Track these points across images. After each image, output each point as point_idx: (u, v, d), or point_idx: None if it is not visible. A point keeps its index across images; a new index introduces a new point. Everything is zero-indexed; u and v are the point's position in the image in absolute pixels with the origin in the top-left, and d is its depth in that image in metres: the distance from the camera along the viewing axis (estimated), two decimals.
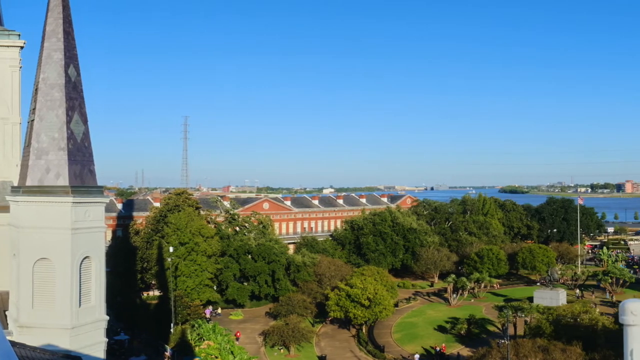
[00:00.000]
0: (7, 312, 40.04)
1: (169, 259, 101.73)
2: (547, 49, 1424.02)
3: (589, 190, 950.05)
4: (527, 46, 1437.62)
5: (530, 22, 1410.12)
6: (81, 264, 37.14)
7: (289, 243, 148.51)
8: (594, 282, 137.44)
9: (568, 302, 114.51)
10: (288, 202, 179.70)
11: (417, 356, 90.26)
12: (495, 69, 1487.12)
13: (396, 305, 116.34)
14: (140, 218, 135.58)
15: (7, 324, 38.96)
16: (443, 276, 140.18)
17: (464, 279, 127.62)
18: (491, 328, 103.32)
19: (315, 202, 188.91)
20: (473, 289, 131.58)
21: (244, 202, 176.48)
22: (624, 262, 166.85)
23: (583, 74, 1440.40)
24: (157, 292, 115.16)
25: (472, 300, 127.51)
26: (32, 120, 38.28)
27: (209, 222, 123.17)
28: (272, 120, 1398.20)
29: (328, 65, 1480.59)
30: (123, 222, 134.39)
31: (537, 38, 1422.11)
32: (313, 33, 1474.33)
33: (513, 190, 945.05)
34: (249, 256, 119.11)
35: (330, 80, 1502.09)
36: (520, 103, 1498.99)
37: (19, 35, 48.86)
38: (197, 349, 77.76)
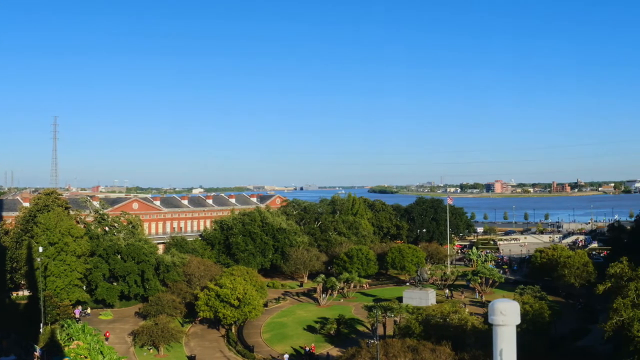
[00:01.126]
0: None
1: (39, 259, 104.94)
2: (410, 47, 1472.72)
3: (459, 190, 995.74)
4: (392, 44, 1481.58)
5: (391, 22, 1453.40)
6: None
7: (159, 243, 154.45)
8: (464, 282, 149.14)
9: (437, 302, 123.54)
10: (157, 202, 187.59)
11: (286, 356, 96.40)
12: (360, 68, 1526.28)
13: (265, 305, 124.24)
14: (10, 218, 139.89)
15: None
16: (312, 276, 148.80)
17: (333, 279, 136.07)
18: (361, 328, 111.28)
19: (185, 202, 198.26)
20: (342, 289, 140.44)
21: (113, 202, 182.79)
22: (493, 262, 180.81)
23: (445, 73, 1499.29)
24: (26, 292, 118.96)
25: (342, 300, 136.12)
26: None
27: (78, 222, 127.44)
28: (141, 120, 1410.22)
29: (195, 65, 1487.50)
30: None
31: (400, 37, 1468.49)
32: (174, 32, 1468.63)
33: (382, 191, 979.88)
34: (119, 256, 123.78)
35: (197, 79, 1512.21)
36: (388, 103, 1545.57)
37: None
38: (66, 349, 79.76)
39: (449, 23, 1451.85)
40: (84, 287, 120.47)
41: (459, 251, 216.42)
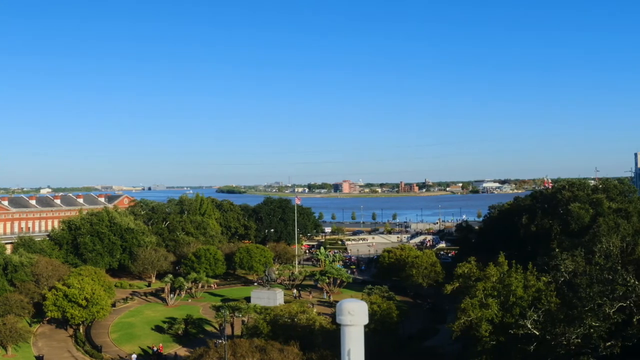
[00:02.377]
0: None
1: None
2: (256, 48, 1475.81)
3: (307, 190, 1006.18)
4: (241, 45, 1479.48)
5: (237, 22, 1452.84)
6: None
7: (7, 243, 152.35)
8: (312, 282, 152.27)
9: (285, 302, 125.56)
10: (5, 202, 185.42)
11: (134, 356, 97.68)
12: (209, 68, 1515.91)
13: (114, 305, 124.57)
14: None
15: None
16: (161, 276, 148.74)
17: (181, 279, 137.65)
18: (209, 328, 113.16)
19: (33, 202, 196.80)
20: (190, 289, 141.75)
21: None
22: (341, 262, 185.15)
23: (290, 74, 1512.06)
24: None
25: (190, 300, 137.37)
26: None
27: None
28: None
29: (40, 64, 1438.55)
30: None
31: (248, 37, 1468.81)
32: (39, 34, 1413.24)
33: (230, 191, 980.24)
34: None
35: (41, 78, 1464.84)
36: (236, 103, 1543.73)
37: None
38: None
39: (294, 23, 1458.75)
40: None
41: (307, 251, 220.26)
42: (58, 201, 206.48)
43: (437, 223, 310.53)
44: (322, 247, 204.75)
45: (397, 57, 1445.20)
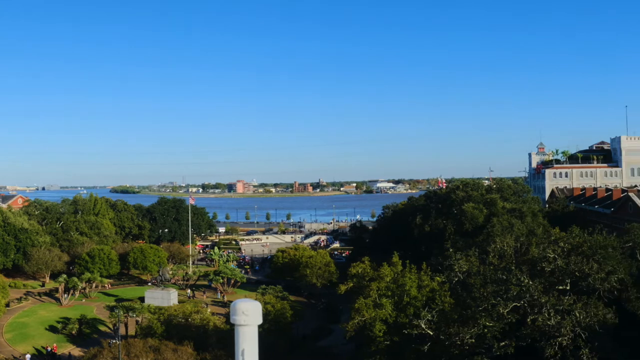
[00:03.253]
0: None
1: None
2: (136, 47, 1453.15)
3: (201, 190, 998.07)
4: (131, 46, 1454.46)
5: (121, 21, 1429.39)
6: None
7: None
8: (206, 282, 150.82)
9: (180, 302, 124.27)
10: None
11: (28, 356, 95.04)
12: (103, 67, 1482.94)
13: (7, 305, 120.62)
14: None
15: None
16: (55, 276, 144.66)
17: (75, 278, 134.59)
18: (103, 328, 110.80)
19: None
20: (84, 289, 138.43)
21: None
22: (235, 262, 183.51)
23: (186, 73, 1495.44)
24: None
25: (84, 300, 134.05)
26: None
27: None
28: None
29: None
30: None
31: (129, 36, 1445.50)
32: None
33: (124, 191, 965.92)
34: None
35: None
36: (132, 102, 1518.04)
37: None
38: None
39: (170, 23, 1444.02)
40: None
41: (201, 251, 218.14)
42: None
43: (331, 223, 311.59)
44: (216, 247, 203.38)
45: (288, 57, 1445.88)
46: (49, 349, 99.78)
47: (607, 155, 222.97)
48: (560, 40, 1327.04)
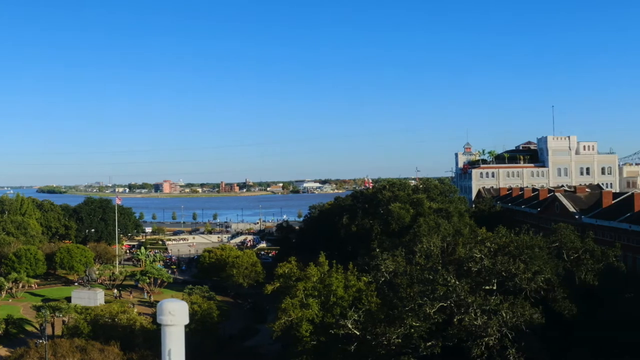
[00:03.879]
0: None
1: None
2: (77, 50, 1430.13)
3: (127, 190, 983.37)
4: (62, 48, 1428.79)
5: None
6: None
7: None
8: (132, 282, 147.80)
9: (106, 302, 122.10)
10: None
11: None
12: (26, 67, 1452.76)
13: None
14: None
15: None
16: None
17: (1, 278, 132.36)
18: (30, 328, 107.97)
19: None
20: (11, 289, 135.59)
21: None
22: (162, 262, 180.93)
23: (112, 73, 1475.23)
24: None
25: (10, 300, 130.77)
26: None
27: None
28: None
29: None
30: None
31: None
32: None
33: (51, 191, 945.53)
34: None
35: None
36: (52, 101, 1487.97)
37: None
38: None
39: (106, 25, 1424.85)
40: None
41: (128, 251, 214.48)
42: None
43: (258, 223, 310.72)
44: (142, 247, 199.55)
45: (214, 57, 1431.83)
46: None
47: (534, 155, 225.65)
48: (486, 40, 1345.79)
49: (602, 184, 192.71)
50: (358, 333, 59.44)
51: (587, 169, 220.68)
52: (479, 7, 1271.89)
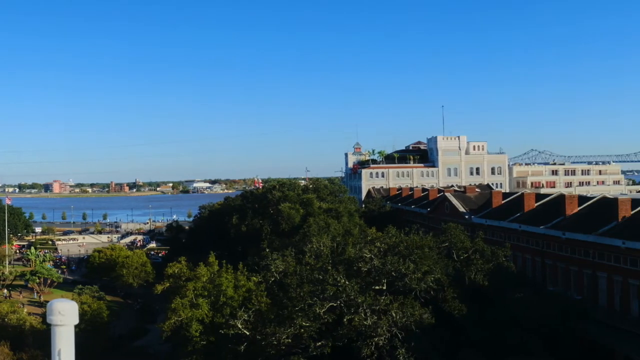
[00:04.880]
0: None
1: None
2: None
3: (17, 190, 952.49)
4: None
5: None
6: None
7: None
8: (22, 282, 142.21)
9: None
10: None
11: None
12: None
13: None
14: None
15: None
16: None
17: None
18: None
19: None
20: None
21: None
22: (52, 262, 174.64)
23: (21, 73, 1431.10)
24: None
25: None
26: None
27: None
28: None
29: None
30: None
31: None
32: None
33: None
34: None
35: None
36: None
37: None
38: None
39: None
40: None
41: (18, 251, 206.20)
42: None
43: (148, 223, 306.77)
44: (32, 247, 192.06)
45: (106, 56, 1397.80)
46: None
47: (424, 155, 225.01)
48: (374, 39, 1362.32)
49: (492, 184, 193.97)
50: (248, 333, 57.92)
51: (477, 169, 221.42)
52: (367, 6, 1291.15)
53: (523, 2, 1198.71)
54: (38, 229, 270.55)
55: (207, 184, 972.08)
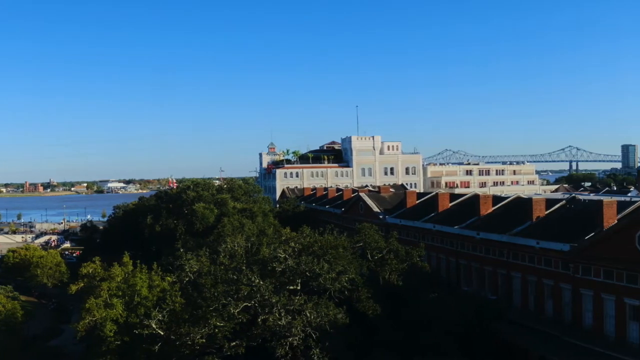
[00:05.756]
0: None
1: None
2: None
3: None
4: None
5: None
6: None
7: None
8: None
9: None
10: None
11: None
12: None
13: None
14: None
15: None
16: None
17: None
18: None
19: None
20: None
21: None
22: None
23: None
24: None
25: None
26: None
27: None
28: None
29: None
30: None
31: None
32: None
33: None
34: None
35: None
36: None
37: None
38: None
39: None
40: None
41: None
42: None
43: (62, 223, 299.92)
44: None
45: (14, 57, 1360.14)
46: None
47: (338, 155, 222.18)
48: (290, 39, 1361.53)
49: (407, 184, 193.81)
50: (162, 333, 56.43)
51: (392, 169, 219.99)
52: (288, 4, 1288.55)
53: (437, 3, 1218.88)
54: None
55: (122, 184, 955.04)
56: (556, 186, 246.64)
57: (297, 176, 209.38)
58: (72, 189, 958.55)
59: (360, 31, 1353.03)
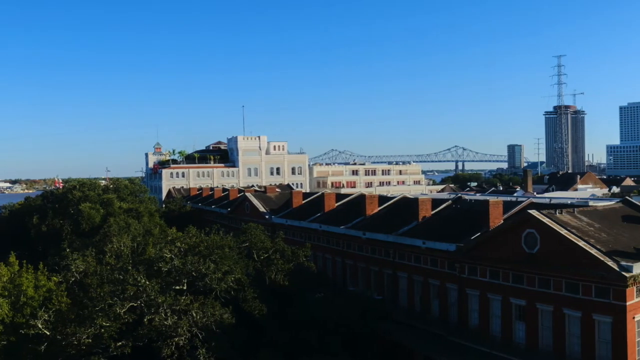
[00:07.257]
0: None
1: None
2: None
3: None
4: None
5: None
6: None
7: None
8: None
9: None
10: None
11: None
12: None
13: None
14: None
15: None
16: None
17: None
18: None
19: None
20: None
21: None
22: None
23: None
24: None
25: None
26: None
27: None
28: None
29: None
30: None
31: None
32: None
33: None
34: None
35: None
36: None
37: None
38: None
39: None
40: None
41: None
42: None
43: None
44: None
45: None
46: None
47: (225, 155, 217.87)
48: (172, 39, 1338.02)
49: (293, 184, 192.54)
50: (48, 333, 53.24)
51: (278, 169, 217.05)
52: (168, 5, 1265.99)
53: (319, 4, 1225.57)
54: None
55: (7, 184, 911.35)
56: (442, 186, 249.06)
57: (183, 176, 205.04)
58: None
59: (245, 31, 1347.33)
